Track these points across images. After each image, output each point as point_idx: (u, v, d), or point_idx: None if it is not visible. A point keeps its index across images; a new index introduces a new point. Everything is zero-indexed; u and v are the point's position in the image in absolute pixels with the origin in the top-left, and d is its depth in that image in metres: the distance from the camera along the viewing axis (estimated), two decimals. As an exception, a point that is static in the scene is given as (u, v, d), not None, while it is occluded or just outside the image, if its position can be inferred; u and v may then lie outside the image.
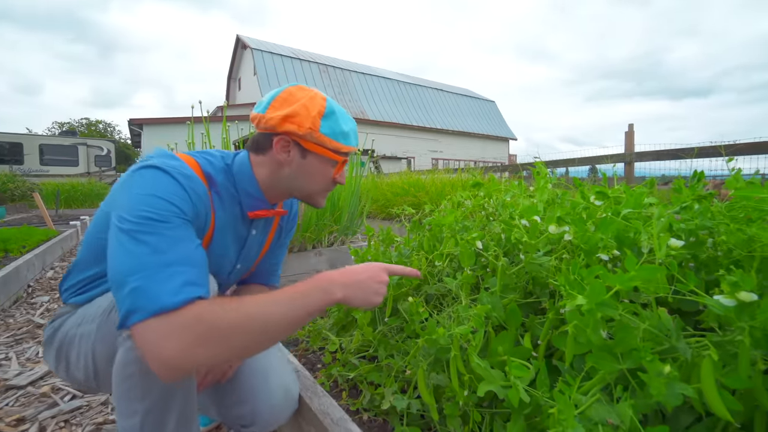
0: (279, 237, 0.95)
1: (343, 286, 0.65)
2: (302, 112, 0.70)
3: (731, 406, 0.48)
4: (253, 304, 0.56)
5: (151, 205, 0.58)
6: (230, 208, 0.75)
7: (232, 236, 0.78)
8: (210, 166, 0.73)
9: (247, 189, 0.76)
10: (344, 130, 0.74)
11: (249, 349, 0.57)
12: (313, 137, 0.71)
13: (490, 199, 1.24)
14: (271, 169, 0.75)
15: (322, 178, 0.77)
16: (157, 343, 0.50)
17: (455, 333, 0.69)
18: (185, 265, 0.55)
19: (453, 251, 1.03)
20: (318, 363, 1.12)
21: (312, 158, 0.74)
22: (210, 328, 0.51)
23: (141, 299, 0.51)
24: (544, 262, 0.83)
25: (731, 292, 0.51)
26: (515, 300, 0.87)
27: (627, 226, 0.80)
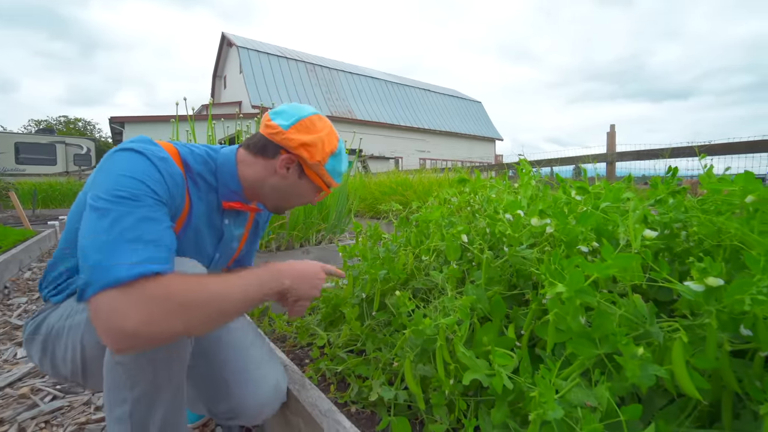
0: (255, 230, 1.00)
1: (290, 276, 0.71)
2: (319, 146, 0.79)
3: (700, 385, 0.51)
4: (214, 283, 0.60)
5: (124, 184, 0.60)
6: (206, 196, 0.79)
7: (207, 224, 0.81)
8: (189, 155, 0.76)
9: (227, 181, 0.80)
10: (341, 171, 0.86)
11: (204, 326, 0.59)
12: (316, 168, 0.81)
13: (476, 195, 1.26)
14: (263, 174, 0.80)
15: (306, 199, 0.87)
16: (110, 315, 0.50)
17: (441, 324, 0.71)
18: (149, 244, 0.56)
19: (439, 245, 1.05)
20: (306, 358, 1.13)
21: (305, 182, 0.83)
22: (168, 302, 0.53)
23: (98, 272, 0.52)
24: (527, 255, 0.86)
25: (700, 278, 0.53)
26: (500, 292, 0.89)
27: (606, 219, 0.83)
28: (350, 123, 17.99)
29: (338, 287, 1.34)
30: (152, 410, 0.61)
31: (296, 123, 0.78)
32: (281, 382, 0.84)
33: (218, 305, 0.59)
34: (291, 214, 2.69)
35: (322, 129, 0.80)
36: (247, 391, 0.79)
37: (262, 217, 1.00)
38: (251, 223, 0.96)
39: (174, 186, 0.67)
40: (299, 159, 0.79)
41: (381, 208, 1.49)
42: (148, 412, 0.61)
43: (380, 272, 1.04)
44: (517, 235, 0.84)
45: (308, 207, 2.79)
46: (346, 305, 1.08)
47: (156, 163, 0.65)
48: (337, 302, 1.20)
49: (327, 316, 1.22)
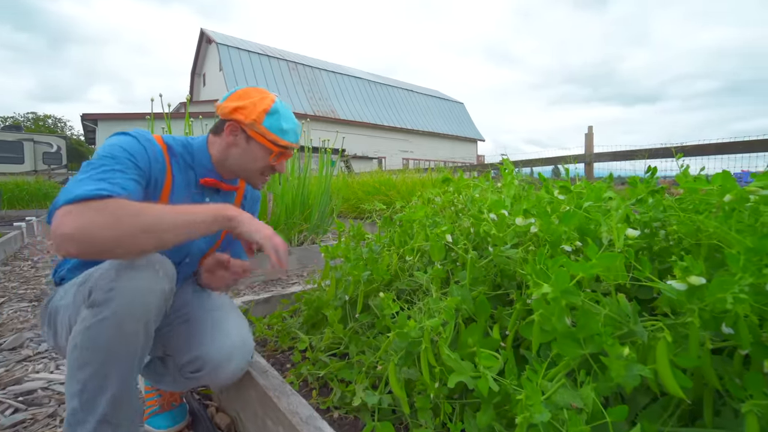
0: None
1: (236, 211, 0.74)
2: (250, 107, 0.86)
3: (683, 383, 0.51)
4: (155, 205, 0.67)
5: (109, 149, 0.74)
6: (185, 173, 0.89)
7: (188, 198, 0.89)
8: (171, 140, 0.89)
9: (201, 160, 0.90)
10: (283, 127, 0.88)
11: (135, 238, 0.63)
12: (255, 127, 0.86)
13: (460, 195, 1.25)
14: (222, 148, 0.90)
15: (261, 162, 0.90)
16: (57, 221, 0.60)
17: (426, 326, 0.70)
18: (112, 183, 0.66)
19: (423, 245, 1.04)
20: (287, 363, 1.09)
21: (254, 144, 0.88)
22: (102, 211, 0.61)
23: (62, 194, 0.62)
24: (511, 255, 0.85)
25: (682, 277, 0.54)
26: (484, 292, 0.88)
27: (588, 218, 0.83)
28: (333, 122, 17.88)
29: (321, 289, 1.31)
30: (102, 389, 0.65)
31: (231, 95, 0.88)
32: (247, 338, 0.89)
33: (150, 217, 0.64)
34: (272, 213, 2.64)
35: (255, 95, 0.87)
36: (212, 339, 0.84)
37: (247, 202, 1.05)
38: (238, 204, 1.01)
39: (154, 158, 0.80)
40: (238, 123, 0.86)
41: (364, 207, 1.47)
42: (98, 391, 0.65)
43: (364, 273, 1.02)
44: (501, 235, 0.83)
45: (289, 206, 2.74)
46: (329, 307, 1.05)
47: (140, 139, 0.79)
48: (320, 304, 1.17)
49: (309, 318, 1.19)
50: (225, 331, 0.86)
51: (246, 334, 0.90)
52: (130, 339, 0.66)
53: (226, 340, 0.85)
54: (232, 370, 0.85)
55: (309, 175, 2.97)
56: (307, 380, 0.97)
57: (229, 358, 0.84)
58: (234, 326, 0.89)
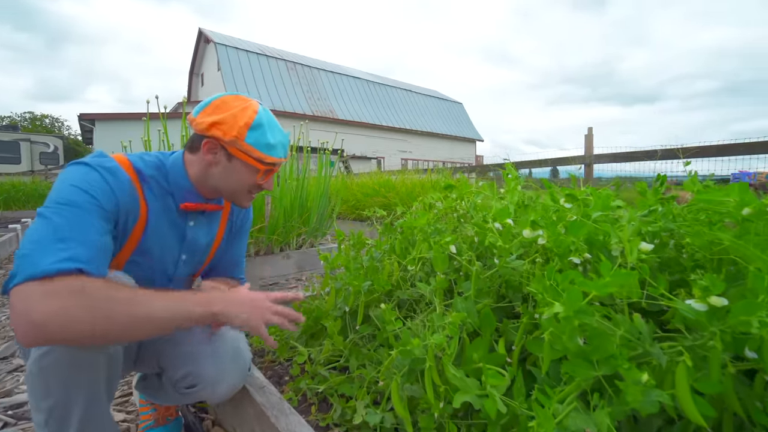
0: (230, 229, 0.97)
1: (222, 303, 0.69)
2: (229, 121, 0.75)
3: (705, 411, 0.48)
4: (135, 292, 0.61)
5: (68, 192, 0.63)
6: (162, 200, 0.79)
7: (168, 226, 0.81)
8: (141, 162, 0.78)
9: (178, 182, 0.81)
10: (270, 142, 0.79)
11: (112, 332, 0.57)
12: (237, 145, 0.76)
13: (462, 201, 1.23)
14: (201, 167, 0.81)
15: (247, 182, 0.82)
16: (22, 304, 0.52)
17: (430, 343, 0.67)
18: (79, 244, 0.58)
19: (426, 255, 1.01)
20: (285, 375, 1.06)
21: (237, 163, 0.79)
22: (78, 297, 0.53)
23: (23, 265, 0.54)
24: (517, 266, 0.83)
25: (702, 297, 0.51)
26: (489, 305, 0.85)
27: (597, 228, 0.80)
28: (332, 123, 17.84)
29: (320, 297, 1.28)
30: (67, 419, 0.62)
31: (205, 107, 0.78)
32: (243, 352, 0.86)
33: (129, 311, 0.58)
34: (270, 217, 2.60)
35: (234, 106, 0.77)
36: (206, 352, 0.80)
37: (237, 219, 0.97)
38: (224, 226, 0.94)
39: (122, 194, 0.70)
40: (217, 140, 0.77)
41: (364, 214, 1.44)
42: (63, 421, 0.62)
43: (364, 284, 0.99)
44: (507, 246, 0.80)
45: (287, 209, 2.71)
46: (328, 318, 1.02)
47: (102, 173, 0.68)
48: (319, 314, 1.14)
49: (308, 328, 1.16)
50: (218, 345, 0.82)
51: (242, 347, 0.86)
52: (88, 368, 0.62)
53: (220, 356, 0.81)
54: (227, 386, 0.82)
55: (307, 177, 2.94)
56: (306, 395, 0.94)
57: (222, 374, 0.81)
58: (229, 339, 0.84)
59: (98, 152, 0.73)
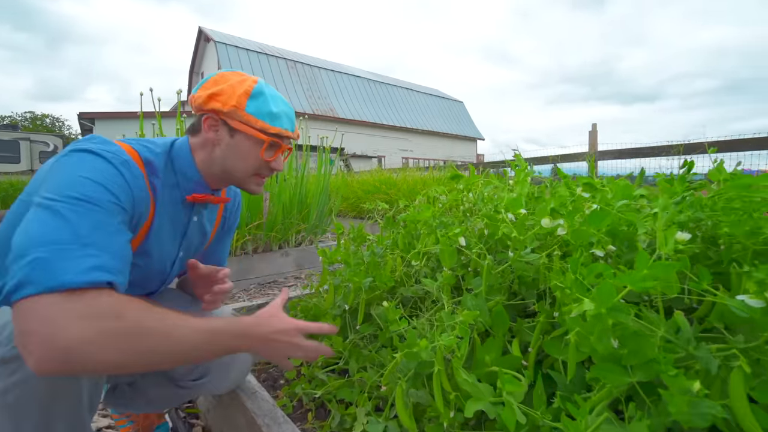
0: (223, 226, 0.90)
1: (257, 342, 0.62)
2: (228, 91, 0.69)
3: (766, 424, 0.41)
4: (174, 320, 0.52)
5: (84, 186, 0.53)
6: (170, 194, 0.71)
7: (171, 223, 0.73)
8: (149, 153, 0.68)
9: (185, 172, 0.73)
10: (272, 111, 0.72)
11: (141, 363, 0.50)
12: (237, 115, 0.70)
13: (469, 193, 1.15)
14: (205, 151, 0.73)
15: (253, 159, 0.73)
16: (45, 323, 0.42)
17: (439, 345, 0.59)
18: (105, 252, 0.50)
19: (432, 249, 0.94)
20: (281, 378, 0.99)
21: (240, 137, 0.72)
22: (117, 321, 0.46)
23: (40, 271, 0.44)
24: (533, 260, 0.75)
25: (760, 292, 0.44)
26: (501, 302, 0.78)
27: (621, 218, 0.73)
28: (332, 121, 17.76)
29: (318, 295, 1.21)
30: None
31: (204, 83, 0.72)
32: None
33: (169, 348, 0.50)
34: (269, 213, 2.53)
35: (233, 79, 0.71)
36: None
37: (229, 215, 0.91)
38: (218, 222, 0.87)
39: (138, 191, 0.61)
40: (217, 114, 0.70)
41: (365, 207, 1.37)
42: None
43: (365, 280, 0.92)
44: (522, 238, 0.73)
45: (286, 205, 2.64)
46: (326, 317, 0.95)
47: (118, 167, 0.58)
48: (317, 313, 1.07)
49: (305, 328, 1.09)
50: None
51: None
52: (68, 396, 0.54)
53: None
54: (237, 373, 0.77)
55: (307, 174, 2.87)
56: (302, 400, 0.87)
57: (233, 358, 0.76)
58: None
59: (98, 138, 0.62)
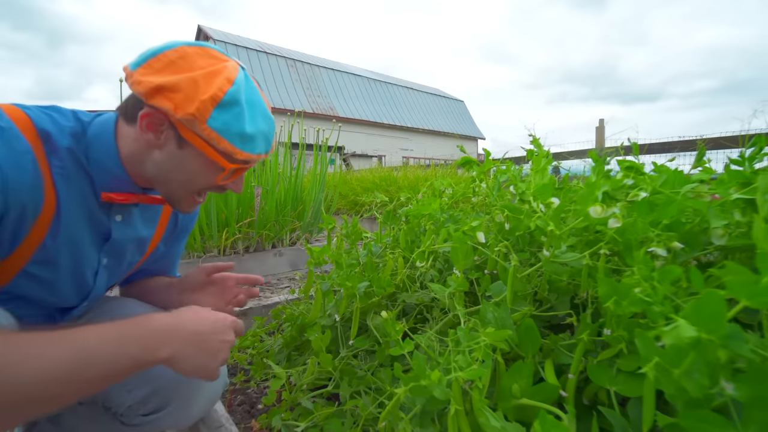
0: (173, 230, 0.73)
1: (177, 341, 0.46)
2: (187, 89, 0.48)
3: None
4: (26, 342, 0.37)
5: None
6: (77, 184, 0.54)
7: (85, 222, 0.56)
8: (51, 123, 0.51)
9: (102, 161, 0.55)
10: (245, 131, 0.52)
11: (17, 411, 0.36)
12: (195, 127, 0.50)
13: (482, 183, 1.00)
14: (138, 147, 0.54)
15: (202, 182, 0.56)
16: None
17: (458, 378, 0.44)
18: None
19: (441, 247, 0.78)
20: (260, 403, 0.84)
21: (191, 152, 0.53)
22: None
23: None
24: (571, 261, 0.60)
25: None
26: (530, 314, 0.63)
27: (687, 208, 0.57)
28: (332, 120, 17.61)
29: (307, 301, 1.06)
30: None
31: (151, 58, 0.50)
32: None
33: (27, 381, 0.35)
34: (261, 211, 2.38)
35: (199, 67, 0.50)
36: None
37: (184, 217, 0.73)
38: (165, 223, 0.69)
39: (17, 173, 0.45)
40: (165, 115, 0.50)
41: (363, 200, 1.21)
42: None
43: (360, 285, 0.76)
44: (559, 233, 0.57)
45: (280, 202, 2.48)
46: (313, 330, 0.79)
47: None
48: (304, 322, 0.91)
49: (291, 340, 0.93)
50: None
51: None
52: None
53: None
54: (205, 401, 0.61)
55: (303, 171, 2.71)
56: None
57: (198, 388, 0.60)
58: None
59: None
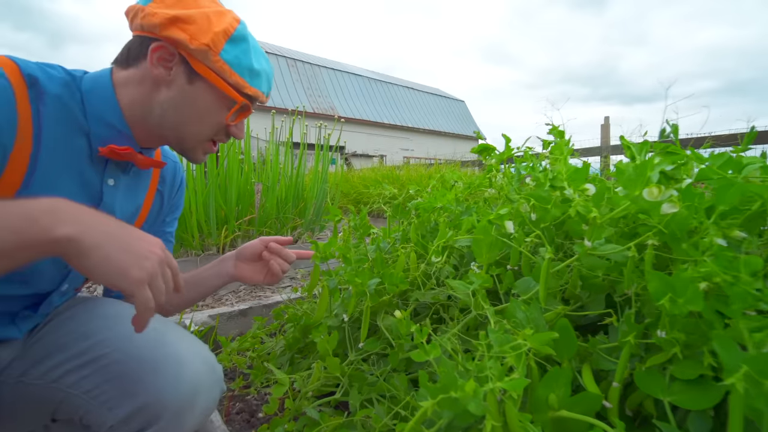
0: (160, 207, 0.66)
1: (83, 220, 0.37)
2: (201, 21, 0.50)
3: None
4: None
5: None
6: (69, 136, 0.50)
7: (72, 179, 0.51)
8: (40, 71, 0.49)
9: (101, 112, 0.52)
10: (254, 67, 0.55)
11: None
12: (208, 59, 0.51)
13: (498, 173, 0.93)
14: (142, 90, 0.53)
15: (213, 121, 0.56)
16: None
17: (493, 389, 0.37)
18: None
19: (463, 238, 0.71)
20: (260, 411, 0.77)
21: (202, 88, 0.53)
22: None
23: None
24: (612, 253, 0.53)
25: None
26: (564, 313, 0.56)
27: (750, 192, 0.50)
28: (333, 120, 17.57)
29: (311, 300, 0.99)
30: None
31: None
32: (209, 357, 0.56)
33: None
34: (262, 207, 2.31)
35: (206, 5, 0.52)
36: (164, 371, 0.49)
37: (168, 189, 0.67)
38: (151, 196, 0.64)
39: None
40: (177, 47, 0.50)
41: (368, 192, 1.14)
42: None
43: (370, 282, 0.69)
44: (601, 221, 0.50)
45: (281, 199, 2.41)
46: (320, 329, 0.72)
47: None
48: (308, 323, 0.84)
49: (294, 342, 0.86)
50: (176, 352, 0.52)
51: (204, 350, 0.57)
52: None
53: (186, 367, 0.51)
54: (200, 412, 0.53)
55: (304, 168, 2.65)
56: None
57: (194, 393, 0.51)
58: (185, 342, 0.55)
59: None
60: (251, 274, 0.70)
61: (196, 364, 0.52)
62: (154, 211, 0.65)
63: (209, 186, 2.06)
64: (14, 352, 0.53)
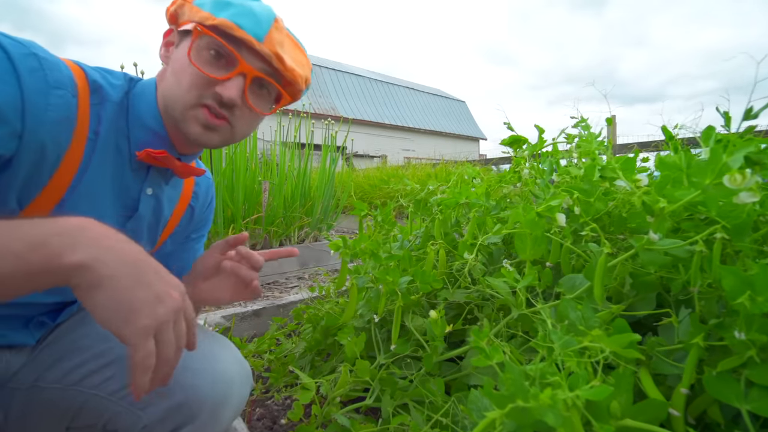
0: (190, 218, 0.63)
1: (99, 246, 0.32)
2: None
3: None
4: None
5: None
6: (115, 141, 0.48)
7: (116, 187, 0.49)
8: (103, 79, 0.48)
9: (140, 114, 0.49)
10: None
11: None
12: (185, 14, 0.48)
13: (525, 167, 0.89)
14: (166, 82, 0.50)
15: (188, 75, 0.47)
16: None
17: (576, 398, 0.33)
18: None
19: (487, 239, 0.67)
20: (282, 417, 0.72)
21: (183, 46, 0.49)
22: None
23: None
24: (674, 248, 0.49)
25: None
26: (620, 313, 0.52)
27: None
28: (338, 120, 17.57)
29: (330, 300, 0.95)
30: None
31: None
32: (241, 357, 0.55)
33: None
34: (268, 207, 2.27)
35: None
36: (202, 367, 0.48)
37: (200, 203, 0.64)
38: (184, 206, 0.60)
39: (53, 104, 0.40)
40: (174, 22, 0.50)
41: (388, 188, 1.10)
42: None
43: (401, 280, 0.65)
44: (666, 213, 0.46)
45: (288, 198, 2.37)
46: (346, 331, 0.68)
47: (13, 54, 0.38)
48: (330, 324, 0.80)
49: (315, 344, 0.82)
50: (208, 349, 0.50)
51: (232, 346, 0.56)
52: None
53: (220, 363, 0.50)
54: (234, 409, 0.51)
55: (310, 168, 2.62)
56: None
57: (229, 389, 0.50)
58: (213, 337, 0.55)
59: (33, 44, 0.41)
60: (211, 293, 0.55)
61: (228, 360, 0.51)
62: (182, 225, 0.62)
63: (216, 184, 2.02)
64: (24, 358, 0.49)
